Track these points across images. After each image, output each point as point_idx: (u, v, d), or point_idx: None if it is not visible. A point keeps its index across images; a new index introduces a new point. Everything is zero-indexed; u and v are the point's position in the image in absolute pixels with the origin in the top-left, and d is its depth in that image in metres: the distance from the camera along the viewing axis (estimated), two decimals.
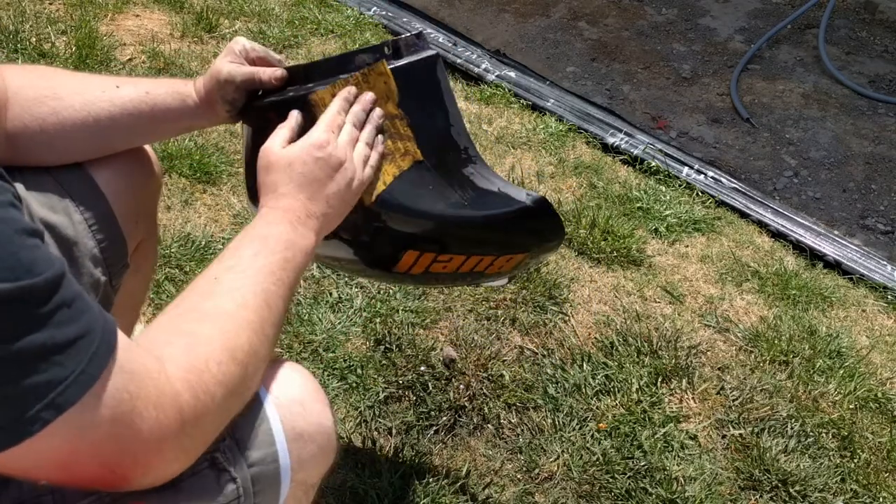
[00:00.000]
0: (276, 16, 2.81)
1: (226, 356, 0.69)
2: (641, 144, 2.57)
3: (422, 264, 1.01)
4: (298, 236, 0.83)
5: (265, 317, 0.75)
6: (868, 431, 1.67)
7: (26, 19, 2.42)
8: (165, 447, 0.64)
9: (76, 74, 0.94)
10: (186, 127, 0.99)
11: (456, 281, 1.15)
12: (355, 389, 1.59)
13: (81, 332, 0.58)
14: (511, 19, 3.38)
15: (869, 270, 2.24)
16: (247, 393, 0.74)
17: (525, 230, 1.04)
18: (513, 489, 1.48)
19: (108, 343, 0.60)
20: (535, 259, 1.15)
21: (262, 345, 0.74)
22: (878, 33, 3.42)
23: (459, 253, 1.01)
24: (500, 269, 1.08)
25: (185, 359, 0.67)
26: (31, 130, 0.87)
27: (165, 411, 0.63)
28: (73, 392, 0.57)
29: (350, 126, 0.91)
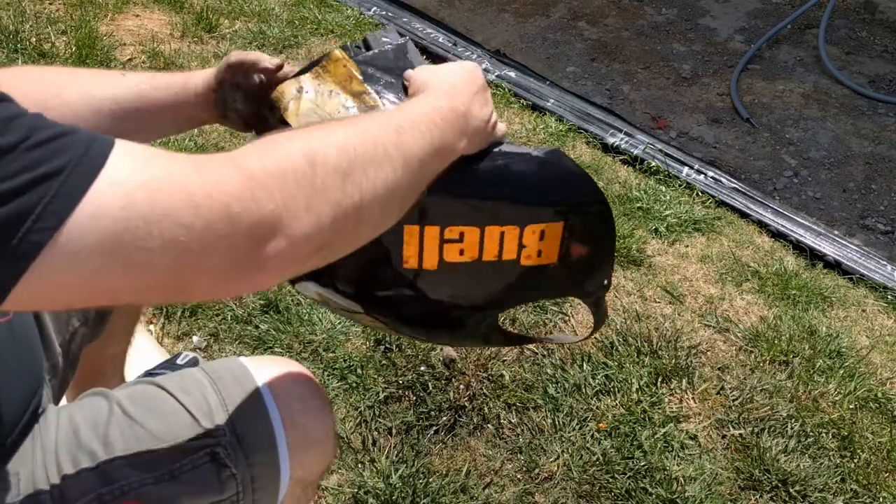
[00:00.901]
0: (276, 16, 2.81)
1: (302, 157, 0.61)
2: (641, 144, 2.57)
3: (429, 250, 0.88)
4: (446, 103, 0.76)
5: (389, 138, 0.67)
6: (868, 431, 1.67)
7: (26, 19, 2.42)
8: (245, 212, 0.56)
9: (73, 70, 0.91)
10: (187, 117, 0.95)
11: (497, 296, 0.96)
12: (355, 389, 1.59)
13: (60, 132, 0.53)
14: (511, 19, 3.38)
15: (869, 270, 2.23)
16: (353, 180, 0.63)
17: (542, 187, 0.89)
18: (513, 489, 1.48)
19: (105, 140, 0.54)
20: (584, 245, 0.93)
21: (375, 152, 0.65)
22: (878, 33, 3.42)
23: (471, 222, 0.87)
24: (542, 254, 0.91)
25: (260, 140, 0.62)
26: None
27: (221, 172, 0.56)
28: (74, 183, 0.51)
29: None
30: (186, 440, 0.79)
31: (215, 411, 0.81)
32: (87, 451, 0.77)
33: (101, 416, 0.81)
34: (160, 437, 0.79)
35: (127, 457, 0.77)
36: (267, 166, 0.58)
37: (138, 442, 0.78)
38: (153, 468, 0.77)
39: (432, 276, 0.89)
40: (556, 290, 0.98)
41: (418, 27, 3.04)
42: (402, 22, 3.04)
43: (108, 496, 0.75)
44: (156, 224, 0.53)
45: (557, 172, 0.89)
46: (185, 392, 0.83)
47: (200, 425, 0.80)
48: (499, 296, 0.96)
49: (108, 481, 0.75)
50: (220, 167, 0.57)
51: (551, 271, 0.93)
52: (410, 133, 0.69)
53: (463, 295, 0.93)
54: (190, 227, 0.54)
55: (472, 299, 0.95)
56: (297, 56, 2.62)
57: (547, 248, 0.91)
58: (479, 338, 1.02)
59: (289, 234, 0.58)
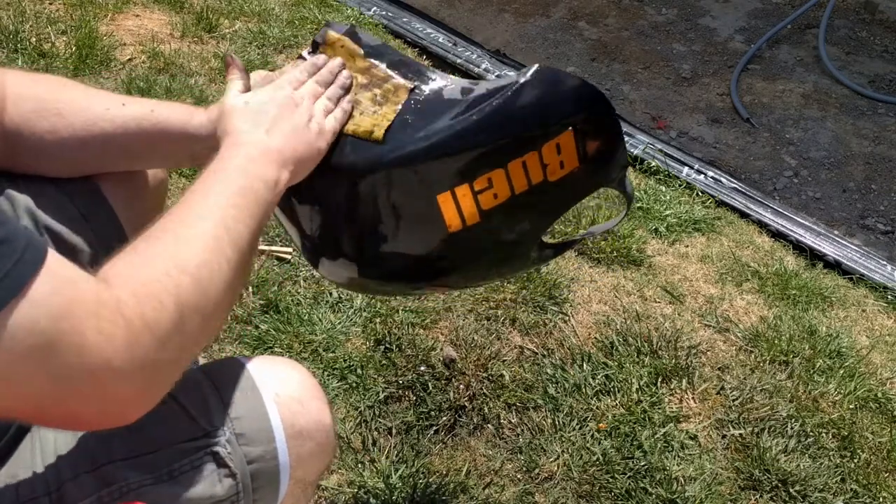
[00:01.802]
0: (276, 16, 2.81)
1: (175, 268, 0.66)
2: (641, 144, 2.57)
3: (467, 207, 0.91)
4: (256, 165, 0.79)
5: (220, 236, 0.71)
6: (868, 431, 1.67)
7: (26, 19, 2.42)
8: (116, 363, 0.60)
9: (83, 89, 0.89)
10: (190, 154, 0.92)
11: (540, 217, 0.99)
12: (355, 389, 1.59)
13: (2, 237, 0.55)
14: (511, 19, 3.38)
15: (869, 270, 2.24)
16: (208, 310, 0.68)
17: (541, 109, 0.91)
18: (513, 489, 1.48)
19: (37, 250, 0.57)
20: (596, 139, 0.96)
21: (219, 262, 0.70)
22: (878, 33, 3.42)
23: (493, 167, 0.90)
24: (564, 164, 0.94)
25: (128, 271, 0.64)
26: (28, 143, 0.84)
27: (110, 320, 0.59)
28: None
29: (312, 83, 0.90)
30: (185, 440, 0.79)
31: (214, 411, 0.81)
32: (86, 452, 0.77)
33: None
34: (159, 437, 0.79)
35: (126, 458, 0.77)
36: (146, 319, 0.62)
37: (137, 442, 0.78)
38: (152, 469, 0.77)
39: (478, 228, 0.92)
40: (586, 188, 1.02)
41: (418, 27, 3.04)
42: (402, 22, 3.04)
43: (107, 497, 0.75)
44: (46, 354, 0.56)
45: (549, 89, 0.91)
46: (184, 392, 0.83)
47: (199, 425, 0.80)
48: (542, 215, 0.99)
49: (107, 483, 0.75)
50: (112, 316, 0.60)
51: (577, 174, 0.96)
52: (238, 223, 0.74)
53: (509, 229, 0.96)
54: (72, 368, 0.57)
55: (521, 229, 0.98)
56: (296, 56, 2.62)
57: (566, 157, 0.94)
58: (532, 261, 1.06)
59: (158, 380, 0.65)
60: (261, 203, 0.77)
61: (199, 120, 0.89)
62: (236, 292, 0.73)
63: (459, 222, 0.91)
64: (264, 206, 0.78)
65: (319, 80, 0.91)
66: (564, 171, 0.94)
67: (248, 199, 0.76)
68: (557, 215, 1.04)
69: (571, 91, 0.92)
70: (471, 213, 0.91)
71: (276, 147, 0.82)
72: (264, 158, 0.80)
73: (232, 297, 0.72)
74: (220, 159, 0.79)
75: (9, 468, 0.77)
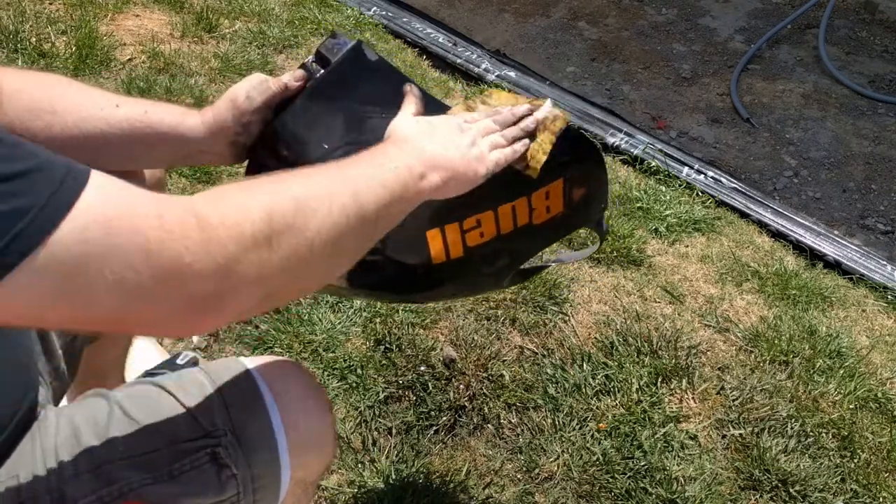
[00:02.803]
0: (276, 16, 2.81)
1: (276, 189, 0.64)
2: (641, 144, 2.57)
3: (454, 243, 0.94)
4: (404, 155, 0.78)
5: (341, 186, 0.69)
6: (868, 431, 1.67)
7: (26, 19, 2.42)
8: (188, 258, 0.57)
9: (78, 88, 0.89)
10: (183, 155, 0.93)
11: (519, 253, 1.04)
12: (355, 389, 1.59)
13: (38, 164, 0.54)
14: (511, 19, 3.38)
15: (869, 270, 2.24)
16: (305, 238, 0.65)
17: None
18: (513, 489, 1.48)
19: (80, 173, 0.56)
20: (582, 187, 1.01)
21: (331, 201, 0.67)
22: (878, 33, 3.42)
23: (484, 209, 0.93)
24: (550, 209, 0.98)
25: (220, 188, 0.63)
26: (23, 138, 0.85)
27: (178, 219, 0.58)
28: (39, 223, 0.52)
29: (488, 121, 0.90)
30: (186, 440, 0.79)
31: (215, 411, 0.81)
32: (87, 451, 0.77)
33: (101, 417, 0.81)
34: (160, 437, 0.79)
35: (127, 457, 0.77)
36: (225, 218, 0.60)
37: (138, 442, 0.78)
38: (153, 468, 0.77)
39: (461, 260, 0.97)
40: (566, 229, 1.08)
41: (418, 27, 3.04)
42: (402, 22, 3.04)
43: (107, 497, 0.75)
44: (107, 263, 0.54)
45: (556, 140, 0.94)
46: (184, 392, 0.83)
47: (200, 425, 0.80)
48: (520, 253, 1.05)
49: (108, 482, 0.75)
50: (181, 214, 0.58)
51: (560, 217, 1.01)
52: (366, 183, 0.72)
53: (489, 264, 1.01)
54: (139, 272, 0.56)
55: (500, 264, 1.02)
56: (296, 56, 2.62)
57: (554, 203, 0.98)
58: (504, 285, 1.11)
59: (236, 287, 0.60)
60: (399, 184, 0.75)
61: (192, 121, 0.90)
62: (348, 245, 0.70)
63: (444, 256, 0.95)
64: (403, 189, 0.75)
65: (497, 119, 0.91)
66: (549, 214, 0.99)
67: (386, 174, 0.74)
68: (536, 252, 1.10)
69: (569, 144, 0.95)
70: (456, 249, 0.95)
71: (431, 151, 0.81)
72: (416, 155, 0.79)
73: (340, 245, 0.68)
74: (371, 148, 0.79)
75: (9, 466, 0.77)
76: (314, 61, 0.95)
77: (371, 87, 0.93)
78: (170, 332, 0.63)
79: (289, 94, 0.92)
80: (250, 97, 0.90)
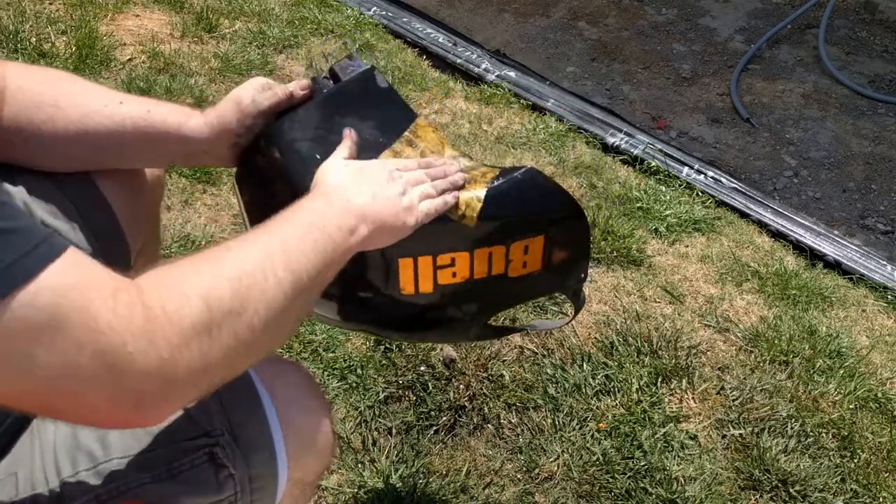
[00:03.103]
0: (276, 16, 2.81)
1: (211, 272, 0.64)
2: (641, 144, 2.57)
3: (424, 277, 0.94)
4: (333, 211, 0.77)
5: (273, 254, 0.69)
6: (868, 431, 1.67)
7: (26, 19, 2.42)
8: (131, 348, 0.57)
9: (82, 84, 0.90)
10: (184, 155, 0.93)
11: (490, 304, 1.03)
12: (355, 389, 1.59)
13: (15, 227, 0.54)
14: (511, 19, 3.38)
15: (869, 270, 2.23)
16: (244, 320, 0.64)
17: (521, 207, 0.95)
18: (513, 489, 1.48)
19: (53, 246, 0.55)
20: (564, 250, 1.01)
21: (265, 276, 0.67)
22: (878, 33, 3.42)
23: (460, 248, 0.93)
24: (527, 265, 0.98)
25: (160, 272, 0.63)
26: (25, 134, 0.85)
27: (127, 304, 0.57)
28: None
29: (420, 172, 0.89)
30: (184, 440, 0.79)
31: (213, 411, 0.81)
32: (85, 451, 0.77)
33: None
34: (158, 436, 0.79)
35: (125, 456, 0.77)
36: (167, 311, 0.59)
37: (136, 441, 0.78)
38: (151, 467, 0.77)
39: (428, 297, 0.96)
40: (540, 290, 1.07)
41: (418, 27, 3.04)
42: (402, 22, 3.04)
43: (105, 496, 0.75)
44: (51, 333, 0.54)
45: (534, 191, 0.95)
46: None
47: (198, 425, 0.80)
48: (490, 304, 1.03)
49: (107, 481, 0.75)
50: (131, 301, 0.58)
51: (536, 276, 1.00)
52: (298, 250, 0.71)
53: (457, 307, 1.00)
54: (81, 350, 0.55)
55: (466, 310, 1.01)
56: (297, 56, 2.62)
57: (531, 259, 0.98)
58: (471, 336, 1.09)
59: (179, 382, 0.60)
60: (330, 243, 0.74)
61: (195, 122, 0.90)
62: (287, 318, 0.69)
63: (412, 288, 0.94)
64: (333, 248, 0.75)
65: (429, 172, 0.90)
66: (526, 270, 0.98)
67: (316, 235, 0.73)
68: (506, 307, 1.10)
69: (556, 201, 0.96)
70: (426, 284, 0.94)
71: (360, 203, 0.80)
72: (344, 208, 0.79)
73: (279, 320, 0.67)
74: (299, 203, 0.78)
75: (7, 465, 0.77)
76: (326, 77, 0.97)
77: (375, 112, 0.95)
78: (102, 421, 0.61)
79: (293, 103, 0.93)
80: (256, 101, 0.90)
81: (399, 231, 0.84)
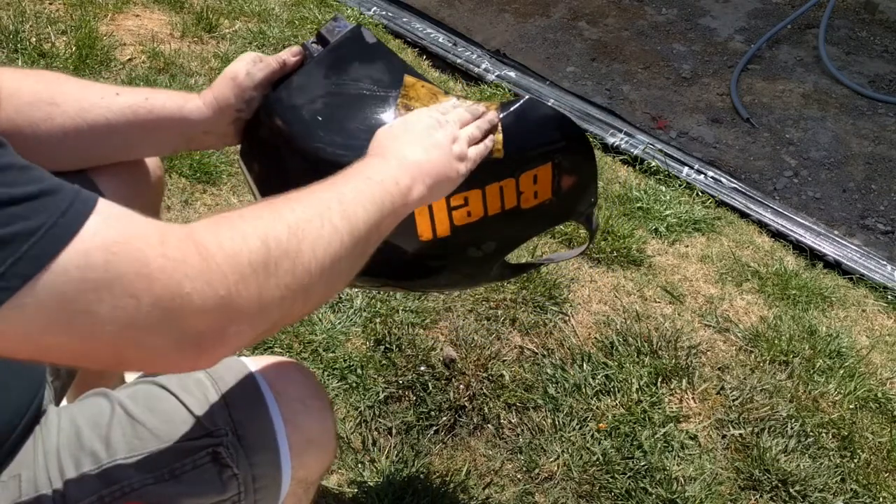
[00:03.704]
0: (276, 16, 2.81)
1: (269, 214, 0.64)
2: (641, 144, 2.57)
3: (441, 221, 0.94)
4: (390, 168, 0.78)
5: (331, 204, 0.69)
6: (868, 431, 1.67)
7: (26, 19, 2.42)
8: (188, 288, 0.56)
9: (77, 81, 0.90)
10: (187, 138, 0.94)
11: (507, 239, 1.04)
12: (355, 389, 1.59)
13: (44, 189, 0.54)
14: (511, 19, 3.38)
15: (869, 270, 2.24)
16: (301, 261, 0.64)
17: (525, 138, 0.95)
18: (513, 489, 1.48)
19: (87, 199, 0.55)
20: (572, 175, 1.01)
21: (322, 222, 0.67)
22: (878, 33, 3.42)
23: (471, 186, 0.92)
24: (538, 195, 0.98)
25: (215, 216, 0.63)
26: (23, 134, 0.85)
27: (178, 246, 0.57)
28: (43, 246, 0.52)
29: (462, 111, 0.90)
30: (188, 440, 0.79)
31: (216, 411, 0.81)
32: (88, 452, 0.77)
33: (102, 417, 0.81)
34: (161, 436, 0.79)
35: (128, 457, 0.77)
36: (223, 246, 0.59)
37: (140, 442, 0.78)
38: (154, 468, 0.77)
39: (448, 241, 0.96)
40: (554, 219, 1.07)
41: (418, 27, 3.04)
42: (402, 22, 3.04)
43: (108, 497, 0.75)
44: (107, 289, 0.53)
45: (535, 121, 0.95)
46: (186, 392, 0.83)
47: (202, 425, 0.80)
48: (509, 238, 1.04)
49: (110, 482, 0.75)
50: (181, 241, 0.58)
51: (548, 205, 1.01)
52: (354, 201, 0.71)
53: (476, 247, 1.00)
54: (140, 300, 0.54)
55: (486, 248, 1.02)
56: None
57: (542, 188, 0.98)
58: (492, 276, 1.09)
59: (237, 319, 0.60)
60: (387, 196, 0.75)
61: (193, 104, 0.91)
62: (343, 266, 0.69)
63: (431, 234, 0.95)
64: (391, 201, 0.75)
65: (470, 110, 0.91)
66: (538, 200, 0.99)
67: (373, 189, 0.74)
68: (524, 240, 1.09)
69: (557, 127, 0.96)
70: (443, 227, 0.95)
71: (414, 160, 0.81)
72: (399, 166, 0.79)
73: (336, 266, 0.68)
74: (355, 164, 0.78)
75: (11, 466, 0.77)
76: (314, 42, 0.97)
77: (367, 67, 0.96)
78: (171, 366, 0.61)
79: (286, 71, 0.94)
80: (251, 74, 0.91)
81: (454, 181, 0.85)
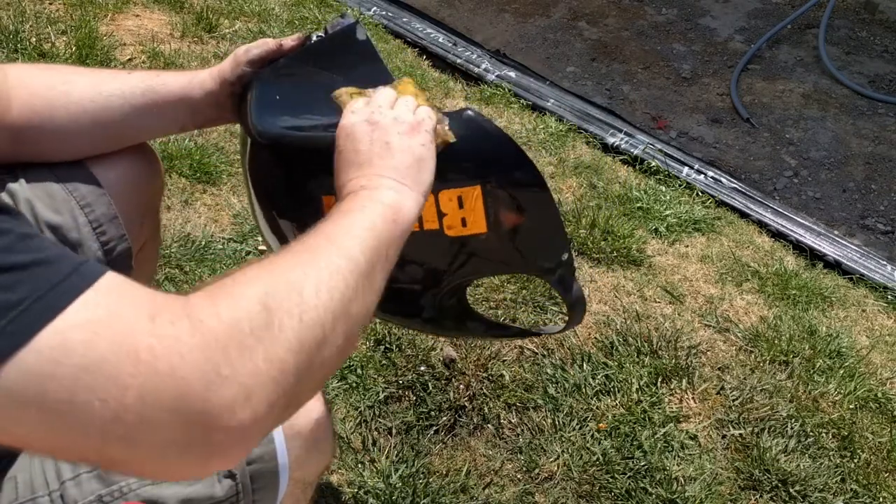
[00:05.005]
0: (276, 16, 2.81)
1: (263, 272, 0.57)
2: (641, 144, 2.57)
3: None
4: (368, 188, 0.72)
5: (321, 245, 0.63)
6: (868, 431, 1.67)
7: (26, 19, 2.42)
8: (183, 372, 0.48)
9: (87, 69, 0.93)
10: (194, 111, 0.94)
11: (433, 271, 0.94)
12: (355, 389, 1.59)
13: (39, 259, 0.48)
14: (511, 19, 3.38)
15: (869, 270, 2.23)
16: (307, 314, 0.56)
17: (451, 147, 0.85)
18: (513, 489, 1.48)
19: (85, 275, 0.49)
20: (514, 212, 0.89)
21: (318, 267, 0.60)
22: (878, 33, 3.42)
23: None
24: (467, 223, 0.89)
25: (211, 282, 0.56)
26: (40, 117, 0.86)
27: (171, 321, 0.50)
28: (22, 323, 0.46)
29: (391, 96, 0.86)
30: None
31: None
32: None
33: None
34: None
35: None
36: (224, 316, 0.52)
37: None
38: None
39: None
40: (501, 263, 0.95)
41: (418, 27, 3.04)
42: (402, 22, 3.04)
43: (107, 497, 0.75)
44: (86, 374, 0.46)
45: (472, 131, 0.85)
46: None
47: None
48: (438, 269, 0.94)
49: (107, 483, 0.75)
50: (174, 318, 0.50)
51: (486, 242, 0.90)
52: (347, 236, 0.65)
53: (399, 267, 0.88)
54: (125, 387, 0.46)
55: (411, 275, 0.92)
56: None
57: (471, 216, 0.88)
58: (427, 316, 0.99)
59: (249, 403, 0.50)
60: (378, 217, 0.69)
61: (201, 76, 0.95)
62: (354, 308, 0.61)
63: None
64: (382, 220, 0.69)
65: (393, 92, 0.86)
66: (468, 230, 0.89)
67: (363, 216, 0.69)
68: (461, 278, 0.97)
69: (493, 143, 0.86)
70: None
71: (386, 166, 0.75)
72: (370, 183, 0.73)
73: (346, 310, 0.60)
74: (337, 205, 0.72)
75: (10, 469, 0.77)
76: (320, 35, 1.00)
77: (348, 60, 0.97)
78: (173, 470, 0.51)
79: (282, 53, 0.97)
80: (248, 50, 0.95)
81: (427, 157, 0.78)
